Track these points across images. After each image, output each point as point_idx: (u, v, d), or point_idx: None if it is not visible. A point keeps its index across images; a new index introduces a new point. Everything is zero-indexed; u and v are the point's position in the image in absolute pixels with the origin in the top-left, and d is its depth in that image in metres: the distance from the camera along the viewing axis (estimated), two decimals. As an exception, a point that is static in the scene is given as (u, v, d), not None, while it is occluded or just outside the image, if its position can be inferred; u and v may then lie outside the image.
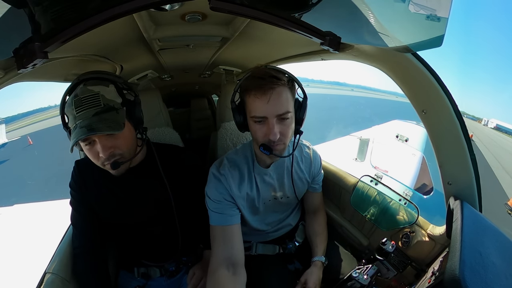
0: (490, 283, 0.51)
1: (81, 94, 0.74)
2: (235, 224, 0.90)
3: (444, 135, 0.78)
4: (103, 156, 0.76)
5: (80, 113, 0.72)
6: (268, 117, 0.79)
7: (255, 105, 0.79)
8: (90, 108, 0.73)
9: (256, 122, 0.81)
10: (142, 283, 1.02)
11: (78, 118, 0.72)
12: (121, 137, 0.79)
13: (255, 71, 0.83)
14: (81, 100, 0.73)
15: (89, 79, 0.78)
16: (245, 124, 0.87)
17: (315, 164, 1.06)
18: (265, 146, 0.81)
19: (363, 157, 4.75)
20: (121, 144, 0.79)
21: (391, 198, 1.07)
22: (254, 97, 0.79)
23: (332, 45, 0.67)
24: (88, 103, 0.73)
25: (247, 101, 0.82)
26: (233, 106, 0.88)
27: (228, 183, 0.90)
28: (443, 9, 0.46)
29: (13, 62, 0.48)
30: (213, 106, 3.34)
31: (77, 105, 0.73)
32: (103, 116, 0.74)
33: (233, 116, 0.88)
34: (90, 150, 0.77)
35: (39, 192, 7.68)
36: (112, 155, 0.78)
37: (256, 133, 0.83)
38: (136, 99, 0.86)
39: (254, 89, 0.78)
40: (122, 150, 0.80)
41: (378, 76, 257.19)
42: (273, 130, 0.78)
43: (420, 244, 0.92)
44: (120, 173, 0.83)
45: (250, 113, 0.82)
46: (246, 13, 0.52)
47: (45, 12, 0.47)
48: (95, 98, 0.74)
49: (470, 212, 0.73)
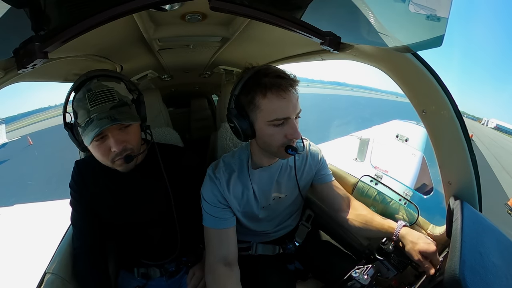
0: (490, 283, 0.51)
1: (96, 89, 0.75)
2: (230, 227, 0.89)
3: (444, 135, 0.78)
4: (116, 150, 0.77)
5: (95, 107, 0.73)
6: (290, 116, 0.76)
7: (276, 105, 0.74)
8: (107, 102, 0.75)
9: (274, 125, 0.76)
10: (142, 283, 1.02)
11: (93, 111, 0.73)
12: (132, 132, 0.81)
13: (264, 70, 0.77)
14: (96, 94, 0.74)
15: (101, 75, 0.80)
16: (253, 132, 0.80)
17: (313, 156, 1.02)
18: (292, 148, 0.78)
19: (363, 157, 4.75)
20: (131, 139, 0.81)
21: (391, 198, 1.07)
22: (276, 98, 0.73)
23: (332, 45, 0.67)
24: (104, 97, 0.75)
25: (261, 103, 0.75)
26: (234, 112, 0.79)
27: (222, 187, 0.88)
28: (443, 9, 0.46)
29: (13, 62, 0.48)
30: (213, 106, 3.33)
31: (92, 99, 0.74)
32: (120, 110, 0.76)
33: (238, 124, 0.79)
34: (100, 146, 0.77)
35: (39, 192, 7.67)
36: (124, 149, 0.79)
37: (273, 136, 0.78)
38: (141, 98, 0.88)
39: (276, 88, 0.73)
40: (132, 145, 0.82)
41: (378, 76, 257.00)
42: (297, 129, 0.77)
43: (420, 244, 0.92)
44: (129, 168, 0.84)
45: (268, 116, 0.75)
46: (246, 13, 0.52)
47: (45, 12, 0.47)
48: (110, 92, 0.76)
49: (470, 212, 0.73)
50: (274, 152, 0.83)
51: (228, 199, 0.89)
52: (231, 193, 0.89)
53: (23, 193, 8.35)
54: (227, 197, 0.89)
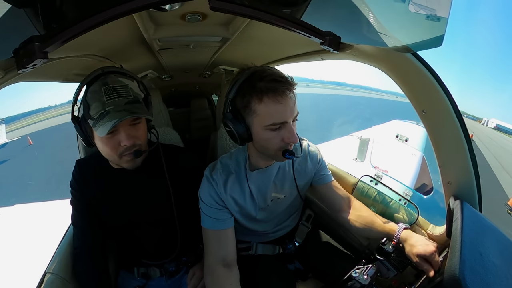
0: (490, 283, 0.51)
1: (113, 83, 0.77)
2: (229, 228, 0.89)
3: (444, 135, 0.78)
4: (126, 145, 0.78)
5: (111, 100, 0.75)
6: (288, 121, 0.75)
7: (273, 110, 0.73)
8: (123, 96, 0.77)
9: (271, 130, 0.75)
10: (142, 283, 1.02)
11: (109, 104, 0.75)
12: (141, 128, 0.83)
13: (260, 72, 0.75)
14: (112, 88, 0.76)
15: (116, 72, 0.83)
16: (249, 135, 0.79)
17: (311, 156, 1.01)
18: (290, 152, 0.77)
19: (363, 157, 4.75)
20: (141, 135, 0.83)
21: (391, 198, 1.07)
22: (272, 102, 0.72)
23: (332, 45, 0.67)
24: (120, 92, 0.77)
25: (258, 108, 0.74)
26: (230, 117, 0.78)
27: (219, 188, 0.88)
28: (443, 9, 0.46)
29: (13, 62, 0.48)
30: (213, 106, 3.33)
31: (109, 93, 0.75)
32: (134, 105, 0.78)
33: (234, 128, 0.78)
34: (110, 140, 0.78)
35: (39, 192, 7.68)
36: (134, 145, 0.81)
37: (270, 141, 0.77)
38: (149, 98, 0.91)
39: (272, 93, 0.71)
40: (141, 141, 0.83)
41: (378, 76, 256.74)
42: (294, 133, 0.76)
43: (420, 244, 0.92)
44: (136, 165, 0.86)
45: (264, 121, 0.74)
46: (246, 13, 0.52)
47: (45, 12, 0.47)
48: (126, 88, 0.79)
49: (470, 212, 0.73)
50: (271, 155, 0.83)
51: (225, 200, 0.89)
52: (228, 194, 0.89)
53: (23, 193, 8.35)
54: (224, 198, 0.89)
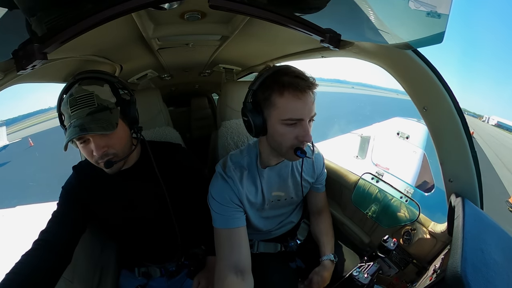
0: (491, 280, 0.51)
1: (76, 94, 0.74)
2: (241, 226, 0.87)
3: (445, 132, 0.78)
4: (96, 155, 0.77)
5: (74, 112, 0.73)
6: (304, 118, 0.75)
7: (292, 105, 0.74)
8: (84, 107, 0.73)
9: (287, 125, 0.76)
10: (143, 283, 1.03)
11: (73, 117, 0.73)
12: (115, 137, 0.79)
13: (285, 69, 0.77)
14: (75, 99, 0.74)
15: (85, 78, 0.79)
16: (265, 128, 0.81)
17: (318, 164, 1.03)
18: (302, 150, 0.78)
19: (364, 155, 4.75)
20: (114, 143, 0.79)
21: (392, 196, 1.06)
22: (292, 97, 0.73)
23: (332, 43, 0.67)
24: (82, 103, 0.74)
25: (278, 101, 0.75)
26: (250, 107, 0.80)
27: (236, 185, 0.87)
28: (443, 5, 0.46)
29: (13, 63, 0.48)
30: (213, 105, 3.33)
31: (72, 104, 0.73)
32: (96, 116, 0.74)
33: (251, 119, 0.79)
34: (85, 148, 0.78)
35: (41, 193, 7.70)
36: (105, 154, 0.78)
37: (284, 136, 0.78)
38: (131, 99, 0.86)
39: (294, 88, 0.73)
40: (115, 150, 0.80)
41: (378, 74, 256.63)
42: (309, 132, 0.77)
43: (421, 241, 0.92)
44: (113, 171, 0.83)
45: (282, 114, 0.75)
46: (245, 11, 0.52)
47: (43, 13, 0.46)
48: (89, 97, 0.75)
49: (472, 209, 0.72)
50: (283, 152, 0.82)
51: (241, 197, 0.88)
52: (245, 191, 0.88)
53: (25, 194, 8.38)
54: (240, 195, 0.88)
